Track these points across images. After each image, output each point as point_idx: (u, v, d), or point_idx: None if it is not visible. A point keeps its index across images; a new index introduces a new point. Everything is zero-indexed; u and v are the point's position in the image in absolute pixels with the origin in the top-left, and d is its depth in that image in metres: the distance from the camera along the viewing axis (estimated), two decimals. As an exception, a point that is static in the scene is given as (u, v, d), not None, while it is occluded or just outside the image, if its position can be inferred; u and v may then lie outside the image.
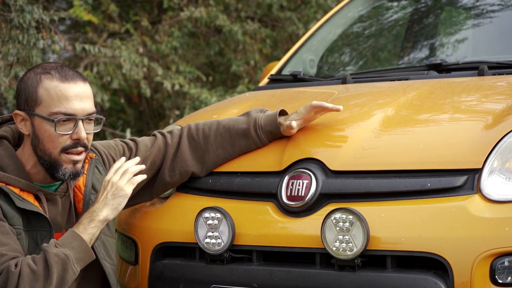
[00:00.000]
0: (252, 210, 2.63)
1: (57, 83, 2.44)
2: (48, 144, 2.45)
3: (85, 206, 2.58)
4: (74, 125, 2.44)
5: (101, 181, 2.64)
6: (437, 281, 2.29)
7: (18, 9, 4.80)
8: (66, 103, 2.43)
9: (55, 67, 2.48)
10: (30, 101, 2.45)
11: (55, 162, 2.46)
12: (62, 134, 2.43)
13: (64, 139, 2.45)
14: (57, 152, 2.45)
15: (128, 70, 6.59)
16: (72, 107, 2.43)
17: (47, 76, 2.45)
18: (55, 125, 2.42)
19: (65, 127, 2.44)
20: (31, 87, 2.45)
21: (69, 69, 2.50)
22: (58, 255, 2.32)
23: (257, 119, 2.78)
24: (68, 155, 2.46)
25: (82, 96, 2.46)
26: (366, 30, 4.36)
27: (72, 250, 2.36)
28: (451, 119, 2.66)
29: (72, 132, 2.45)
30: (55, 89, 2.43)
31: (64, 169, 2.47)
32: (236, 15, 7.88)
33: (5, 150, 2.47)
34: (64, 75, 2.45)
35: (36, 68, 2.50)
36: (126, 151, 2.77)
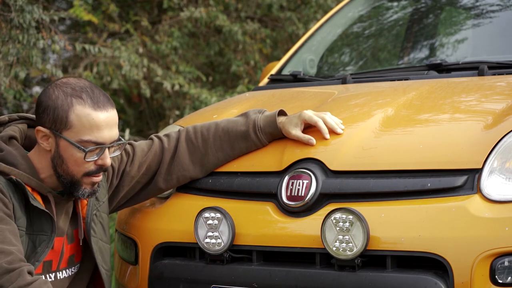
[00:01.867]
0: (252, 210, 2.63)
1: (89, 111, 2.40)
2: (72, 167, 2.44)
3: (88, 212, 2.58)
4: (100, 151, 2.44)
5: (101, 188, 2.64)
6: (437, 281, 2.29)
7: (18, 9, 4.79)
8: (97, 133, 2.41)
9: (85, 90, 2.43)
10: (59, 124, 2.41)
11: (76, 183, 2.46)
12: (89, 161, 2.44)
13: (89, 165, 2.45)
14: (80, 175, 2.46)
15: (128, 70, 6.59)
16: (103, 136, 2.42)
17: (79, 101, 2.41)
18: (86, 154, 2.41)
19: (93, 153, 2.44)
20: (61, 110, 2.40)
21: (99, 91, 2.46)
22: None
23: (256, 120, 2.77)
24: (90, 178, 2.47)
25: (112, 124, 2.45)
26: (366, 30, 4.36)
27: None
28: (451, 119, 2.66)
29: (98, 158, 2.45)
30: (87, 117, 2.40)
31: (84, 189, 2.48)
32: (236, 15, 7.88)
33: (17, 150, 2.46)
34: (96, 102, 2.42)
35: (65, 87, 2.43)
36: (123, 156, 2.77)
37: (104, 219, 2.65)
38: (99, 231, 2.62)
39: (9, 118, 2.57)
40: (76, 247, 2.60)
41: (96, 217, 2.61)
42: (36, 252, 2.43)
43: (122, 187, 2.76)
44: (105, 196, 2.67)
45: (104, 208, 2.67)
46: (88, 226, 2.57)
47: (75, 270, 2.61)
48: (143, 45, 7.23)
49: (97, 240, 2.60)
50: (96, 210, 2.61)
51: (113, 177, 2.73)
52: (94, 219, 2.60)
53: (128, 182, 2.76)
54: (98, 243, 2.61)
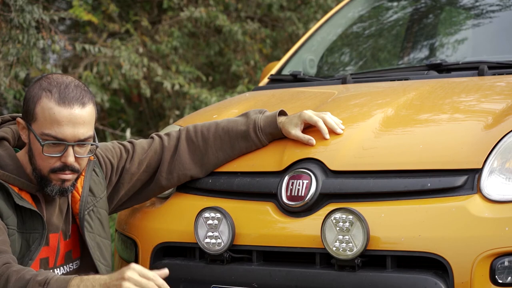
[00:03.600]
0: (252, 210, 2.63)
1: (52, 105, 2.39)
2: (38, 161, 2.44)
3: (81, 207, 2.57)
4: (64, 149, 2.42)
5: (98, 184, 2.64)
6: (437, 281, 2.29)
7: (18, 9, 4.79)
8: (57, 128, 2.39)
9: (59, 85, 2.42)
10: (28, 115, 2.43)
11: (44, 178, 2.45)
12: (49, 156, 2.42)
13: (53, 161, 2.43)
14: (46, 171, 2.44)
15: (128, 70, 6.59)
16: (62, 132, 2.39)
17: (47, 94, 2.41)
18: (42, 147, 2.40)
19: (54, 149, 2.42)
20: (31, 102, 2.42)
21: (74, 88, 2.43)
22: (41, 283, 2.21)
23: (256, 120, 2.78)
24: (57, 175, 2.44)
25: (75, 122, 2.40)
26: (366, 30, 4.36)
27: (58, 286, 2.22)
28: (451, 119, 2.66)
29: (61, 155, 2.42)
30: (49, 111, 2.40)
31: (53, 185, 2.45)
32: (236, 15, 7.88)
33: (5, 150, 2.47)
34: (63, 97, 2.40)
35: (44, 81, 2.44)
36: (123, 153, 2.77)
37: (102, 215, 2.65)
38: (96, 227, 2.61)
39: (1, 120, 2.58)
40: (73, 243, 2.60)
41: (93, 212, 2.61)
42: (30, 250, 2.43)
43: (122, 185, 2.76)
44: (103, 193, 2.67)
45: (102, 204, 2.66)
46: (82, 222, 2.57)
47: (75, 267, 2.61)
48: (143, 45, 7.23)
49: (94, 236, 2.60)
50: (93, 205, 2.61)
51: (112, 174, 2.73)
52: (91, 215, 2.60)
53: (128, 180, 2.76)
54: (96, 238, 2.60)
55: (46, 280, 2.21)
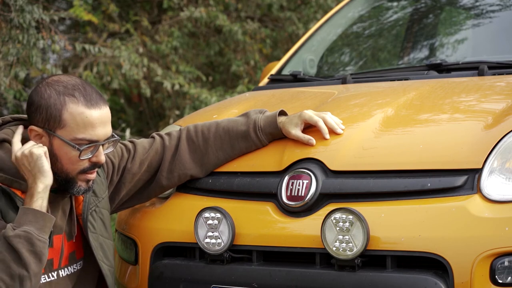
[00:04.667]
0: (252, 210, 2.63)
1: (83, 109, 2.40)
2: (67, 166, 2.44)
3: (85, 208, 2.58)
4: (94, 149, 2.44)
5: (100, 184, 2.65)
6: (437, 281, 2.29)
7: (18, 9, 4.79)
8: (91, 131, 2.41)
9: (78, 88, 2.43)
10: (53, 122, 2.41)
11: (71, 180, 2.46)
12: (84, 159, 2.44)
13: (83, 163, 2.45)
14: (75, 173, 2.45)
15: (128, 70, 6.59)
16: (97, 134, 2.42)
17: (72, 99, 2.40)
18: (81, 152, 2.41)
19: (87, 151, 2.44)
20: (54, 109, 2.40)
21: (91, 88, 2.46)
22: (19, 235, 2.28)
23: (256, 120, 2.78)
24: (85, 175, 2.47)
25: (105, 121, 2.45)
26: (366, 30, 4.36)
27: (29, 224, 2.30)
28: (451, 119, 2.66)
29: (92, 156, 2.45)
30: (81, 116, 2.40)
31: (79, 186, 2.47)
32: (236, 15, 7.88)
33: (7, 153, 2.45)
34: (89, 100, 2.41)
35: (57, 85, 2.43)
36: (124, 153, 2.77)
37: (104, 215, 2.65)
38: (99, 227, 2.62)
39: (2, 121, 2.56)
40: (77, 243, 2.60)
41: (95, 213, 2.61)
42: None
43: (124, 184, 2.76)
44: (105, 193, 2.67)
45: (104, 204, 2.67)
46: (85, 222, 2.57)
47: (78, 267, 2.61)
48: (143, 45, 7.23)
49: (97, 236, 2.60)
50: (95, 206, 2.61)
51: (113, 174, 2.74)
52: (94, 215, 2.60)
53: (129, 179, 2.77)
54: (99, 239, 2.60)
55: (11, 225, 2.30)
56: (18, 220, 2.32)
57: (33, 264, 2.28)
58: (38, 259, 2.30)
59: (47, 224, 2.34)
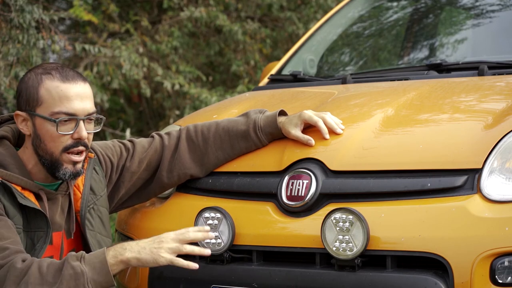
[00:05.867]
0: (252, 210, 2.63)
1: (58, 83, 2.44)
2: (49, 144, 2.45)
3: (83, 205, 2.58)
4: (75, 125, 2.45)
5: (98, 182, 2.65)
6: (437, 281, 2.29)
7: (18, 9, 4.80)
8: (67, 103, 2.43)
9: (55, 68, 2.48)
10: (32, 101, 2.45)
11: (56, 161, 2.46)
12: (63, 134, 2.44)
13: (65, 139, 2.45)
14: (59, 151, 2.46)
15: (128, 70, 6.59)
16: (73, 107, 2.44)
17: (48, 76, 2.45)
18: (57, 125, 2.42)
19: (66, 127, 2.45)
20: (32, 88, 2.45)
21: (69, 69, 2.51)
22: (75, 269, 2.28)
23: (256, 120, 2.78)
24: (69, 155, 2.46)
25: (83, 96, 2.46)
26: (366, 30, 4.36)
27: (92, 270, 2.29)
28: (451, 119, 2.66)
29: (74, 132, 2.45)
30: (56, 89, 2.44)
31: (65, 168, 2.47)
32: (236, 15, 7.88)
33: (6, 149, 2.48)
34: (65, 75, 2.46)
35: (37, 69, 2.50)
36: (123, 151, 2.78)
37: (102, 213, 2.65)
38: (97, 225, 2.62)
39: (1, 119, 2.59)
40: (76, 241, 2.60)
41: (93, 210, 2.61)
42: (35, 248, 2.44)
43: (123, 183, 2.76)
44: (103, 190, 2.68)
45: (103, 202, 2.67)
46: (83, 220, 2.57)
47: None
48: (143, 45, 7.23)
49: (94, 234, 2.60)
50: (93, 203, 2.62)
51: (112, 172, 2.74)
52: (92, 213, 2.60)
53: (128, 178, 2.77)
54: (96, 236, 2.60)
55: (81, 255, 2.31)
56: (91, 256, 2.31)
57: None
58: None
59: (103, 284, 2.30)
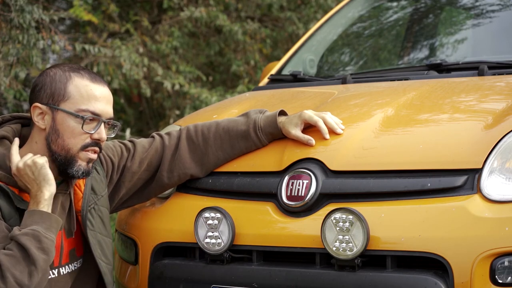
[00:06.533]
0: (252, 210, 2.63)
1: (87, 82, 2.49)
2: (68, 140, 2.47)
3: (84, 205, 2.58)
4: (96, 125, 2.49)
5: (99, 182, 2.65)
6: (437, 281, 2.29)
7: (18, 9, 4.80)
8: (95, 103, 2.48)
9: (82, 68, 2.54)
10: (57, 96, 2.47)
11: (72, 158, 2.48)
12: (84, 132, 2.47)
13: (85, 137, 2.49)
14: (77, 148, 2.48)
15: (128, 70, 6.59)
16: (100, 108, 2.49)
17: (78, 74, 2.50)
18: (83, 122, 2.46)
19: (89, 126, 2.49)
20: (60, 83, 2.48)
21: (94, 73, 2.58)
22: (27, 233, 2.33)
23: (256, 120, 2.78)
24: (88, 153, 2.50)
25: (108, 99, 2.53)
26: (366, 30, 4.36)
27: (36, 224, 2.36)
28: (451, 119, 2.66)
29: (94, 132, 2.49)
30: (86, 88, 2.48)
31: (79, 165, 2.49)
32: (236, 15, 7.88)
33: (6, 150, 2.47)
34: (93, 77, 2.52)
35: (62, 66, 2.54)
36: (124, 151, 2.78)
37: (103, 213, 2.66)
38: (97, 225, 2.62)
39: (2, 119, 2.59)
40: (76, 241, 2.61)
41: (94, 210, 2.62)
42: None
43: (123, 183, 2.77)
44: (104, 190, 2.68)
45: (103, 202, 2.67)
46: (84, 219, 2.57)
47: (79, 265, 2.61)
48: (143, 45, 7.23)
49: (95, 234, 2.61)
50: (94, 203, 2.62)
51: (113, 173, 2.74)
52: (92, 213, 2.61)
53: (129, 178, 2.77)
54: (97, 236, 2.61)
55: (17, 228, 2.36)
56: (24, 223, 2.37)
57: (41, 260, 2.32)
58: (46, 254, 2.34)
59: (53, 225, 2.39)
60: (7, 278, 2.27)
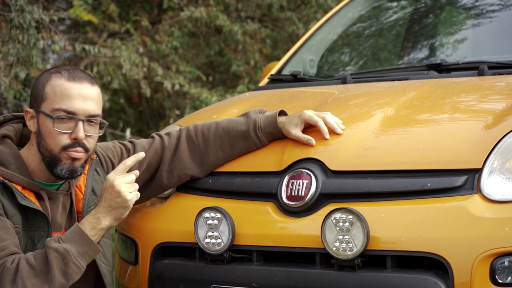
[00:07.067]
0: (252, 210, 2.63)
1: (63, 81, 2.47)
2: (49, 141, 2.46)
3: (84, 206, 2.58)
4: (74, 125, 2.45)
5: (100, 183, 2.65)
6: (437, 281, 2.29)
7: (18, 9, 4.80)
8: (68, 101, 2.45)
9: (67, 68, 2.51)
10: (38, 98, 2.48)
11: (55, 158, 2.47)
12: (59, 132, 2.44)
13: (64, 138, 2.46)
14: (57, 149, 2.46)
15: (128, 70, 6.59)
16: (73, 106, 2.45)
17: (57, 74, 2.48)
18: (54, 121, 2.44)
19: (65, 125, 2.46)
20: (40, 85, 2.48)
21: (81, 71, 2.53)
22: (58, 250, 2.32)
23: (256, 120, 2.78)
24: (68, 152, 2.47)
25: (86, 96, 2.47)
26: (366, 30, 4.36)
27: (74, 244, 2.35)
28: (451, 119, 2.66)
29: (71, 132, 2.45)
30: (60, 87, 2.46)
31: (63, 164, 2.47)
32: (236, 15, 7.88)
33: (8, 148, 2.48)
34: (72, 75, 2.48)
35: (52, 68, 2.54)
36: (124, 152, 2.78)
37: None
38: None
39: (4, 118, 2.60)
40: None
41: None
42: (36, 248, 2.44)
43: None
44: None
45: None
46: None
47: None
48: (143, 45, 7.23)
49: None
50: (94, 204, 2.62)
51: None
52: None
53: None
54: None
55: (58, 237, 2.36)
56: (66, 235, 2.37)
57: (58, 283, 2.32)
58: (66, 280, 2.33)
59: (89, 253, 2.39)
60: (17, 285, 2.27)
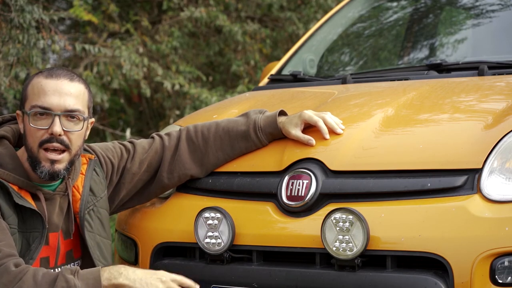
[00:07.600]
0: (252, 210, 2.63)
1: (41, 79, 2.47)
2: (29, 139, 2.46)
3: (82, 206, 2.58)
4: (51, 121, 2.44)
5: (98, 183, 2.65)
6: (437, 281, 2.29)
7: (18, 9, 4.80)
8: (43, 97, 2.44)
9: (50, 68, 2.52)
10: (22, 99, 2.50)
11: (36, 158, 2.46)
12: (36, 129, 2.44)
13: (40, 134, 2.44)
14: (36, 147, 2.45)
15: (128, 70, 6.59)
16: (48, 101, 2.44)
17: (38, 74, 2.50)
18: (29, 117, 2.44)
19: (42, 121, 2.45)
20: (25, 86, 2.50)
21: (63, 69, 2.52)
22: (68, 282, 2.29)
23: (256, 120, 2.78)
24: (46, 153, 2.44)
25: (62, 92, 2.46)
26: (366, 30, 4.36)
27: (85, 286, 2.30)
28: (451, 119, 2.66)
29: (48, 127, 2.44)
30: (37, 85, 2.47)
31: (42, 166, 2.45)
32: (236, 15, 7.88)
33: (5, 149, 2.48)
34: (51, 73, 2.48)
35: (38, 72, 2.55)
36: (124, 153, 2.77)
37: (102, 214, 2.65)
38: (96, 226, 2.62)
39: (2, 119, 2.60)
40: (74, 242, 2.60)
41: (93, 212, 2.61)
42: (30, 249, 2.44)
43: (123, 184, 2.76)
44: (103, 192, 2.67)
45: (103, 203, 2.66)
46: (82, 221, 2.57)
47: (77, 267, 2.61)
48: (143, 45, 7.23)
49: (94, 235, 2.60)
50: (93, 205, 2.62)
51: (112, 174, 2.74)
52: (91, 214, 2.60)
53: (129, 179, 2.77)
54: (96, 238, 2.60)
55: (76, 269, 2.32)
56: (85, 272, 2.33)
57: None
58: None
59: None
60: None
